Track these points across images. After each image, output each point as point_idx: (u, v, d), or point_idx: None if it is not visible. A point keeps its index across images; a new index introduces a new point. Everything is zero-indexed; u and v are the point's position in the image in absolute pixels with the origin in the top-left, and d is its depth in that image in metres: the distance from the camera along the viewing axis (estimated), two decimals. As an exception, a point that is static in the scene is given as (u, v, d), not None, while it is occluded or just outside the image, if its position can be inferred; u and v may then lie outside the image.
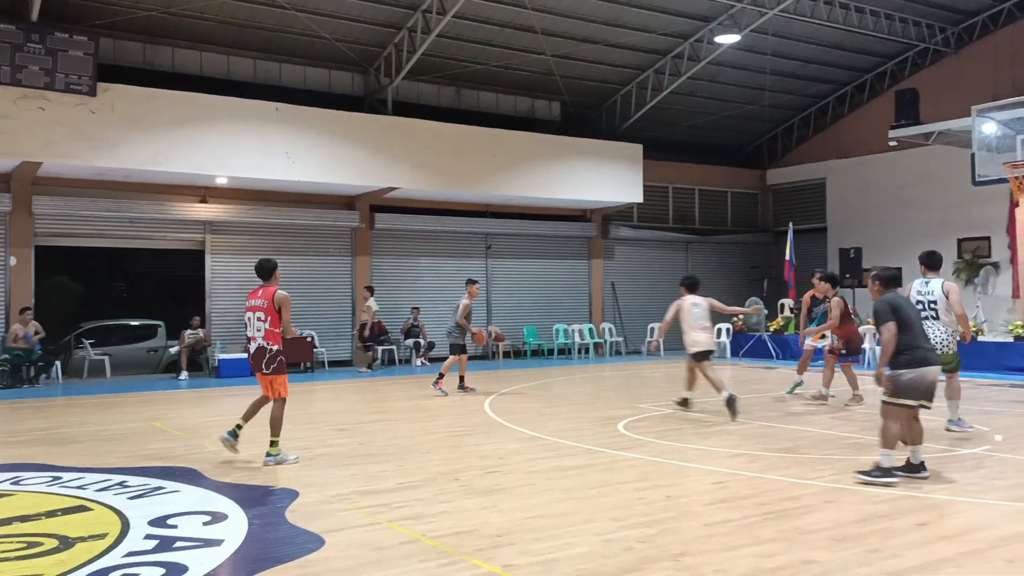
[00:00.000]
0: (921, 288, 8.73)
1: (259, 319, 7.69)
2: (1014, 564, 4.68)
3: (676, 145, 23.58)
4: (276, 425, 7.67)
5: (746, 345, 20.13)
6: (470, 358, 14.46)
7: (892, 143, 19.23)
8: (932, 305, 8.59)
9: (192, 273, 17.71)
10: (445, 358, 13.70)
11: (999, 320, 17.28)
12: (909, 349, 6.59)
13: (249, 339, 7.81)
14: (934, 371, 6.62)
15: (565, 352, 21.09)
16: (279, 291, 7.72)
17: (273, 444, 7.66)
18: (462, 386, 13.43)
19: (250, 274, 17.43)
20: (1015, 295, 18.69)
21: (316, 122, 16.79)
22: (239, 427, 7.90)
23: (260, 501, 6.29)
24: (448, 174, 18.37)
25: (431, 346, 19.07)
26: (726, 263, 24.53)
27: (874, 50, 21.29)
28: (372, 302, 17.79)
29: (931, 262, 8.90)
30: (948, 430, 8.85)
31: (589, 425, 9.89)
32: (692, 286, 11.01)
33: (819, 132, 24.20)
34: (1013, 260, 18.93)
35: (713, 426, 9.78)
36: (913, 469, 6.76)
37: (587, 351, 21.28)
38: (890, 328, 6.52)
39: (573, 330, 21.24)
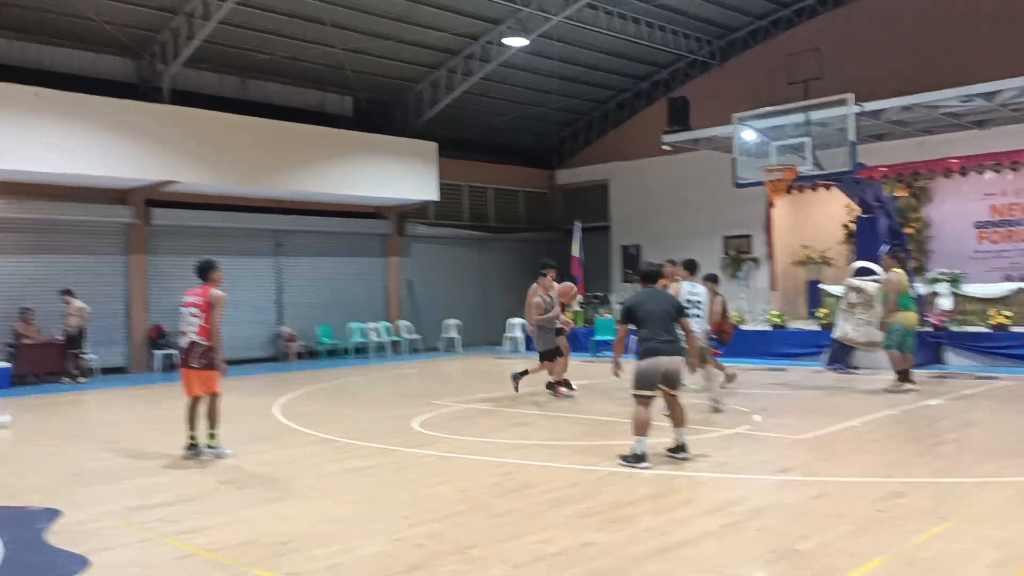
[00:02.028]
0: (691, 289, 9.99)
1: (193, 315, 7.90)
2: (766, 532, 5.15)
3: (470, 144, 23.93)
4: (214, 417, 7.96)
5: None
6: (265, 359, 13.83)
7: (665, 147, 20.57)
8: (699, 304, 9.91)
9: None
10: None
11: (759, 310, 18.97)
12: (645, 342, 7.19)
13: (182, 333, 8.03)
14: (665, 361, 7.13)
15: (361, 351, 20.83)
16: (215, 290, 8.00)
17: (212, 436, 7.95)
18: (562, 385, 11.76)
19: (11, 275, 16.05)
20: (772, 287, 20.64)
21: (83, 110, 15.44)
22: (192, 438, 7.98)
23: (15, 523, 5.74)
24: (233, 168, 17.54)
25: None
26: (518, 260, 25.21)
27: (649, 59, 22.66)
28: (77, 304, 15.92)
29: (691, 268, 10.41)
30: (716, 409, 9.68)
31: (384, 424, 9.83)
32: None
33: (603, 135, 25.43)
34: (770, 256, 20.87)
35: (507, 419, 10.02)
36: (678, 449, 7.28)
37: (384, 349, 21.13)
38: (621, 329, 7.43)
39: (369, 329, 21.02)
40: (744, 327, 17.09)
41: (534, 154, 26.40)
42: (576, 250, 21.11)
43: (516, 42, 19.33)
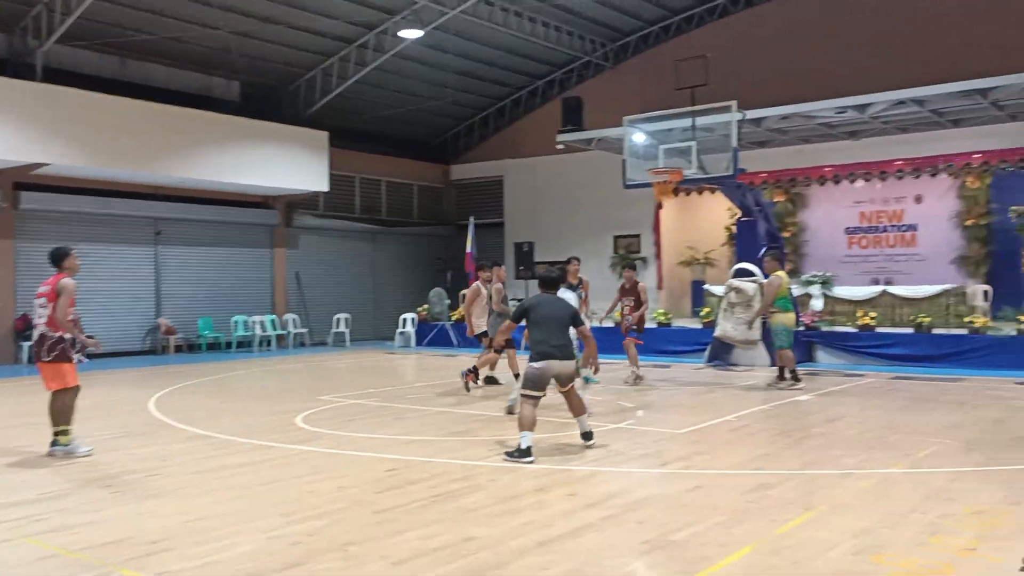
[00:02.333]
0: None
1: (41, 305, 7.57)
2: (644, 524, 5.28)
3: (363, 135, 23.58)
4: (65, 413, 7.52)
5: (429, 334, 20.70)
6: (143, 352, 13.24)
7: (559, 146, 20.84)
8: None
9: None
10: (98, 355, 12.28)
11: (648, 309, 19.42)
12: (537, 344, 7.41)
13: (33, 326, 7.76)
14: (556, 365, 7.35)
15: (245, 345, 20.24)
16: (66, 279, 7.55)
17: (64, 433, 7.52)
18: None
19: None
20: (659, 286, 21.21)
21: (-58, 83, 14.45)
22: (59, 433, 7.55)
23: None
24: (110, 152, 16.73)
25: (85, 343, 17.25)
26: (411, 254, 25.05)
27: (545, 59, 22.90)
28: None
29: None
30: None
31: (265, 420, 9.57)
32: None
33: (498, 132, 25.54)
34: (658, 256, 21.44)
35: (393, 415, 9.93)
36: (586, 436, 7.63)
37: (269, 343, 20.60)
38: (509, 324, 7.84)
39: (254, 322, 20.44)
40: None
41: (429, 148, 26.26)
42: (470, 246, 21.13)
43: (411, 34, 19.19)
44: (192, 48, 18.72)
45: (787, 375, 11.85)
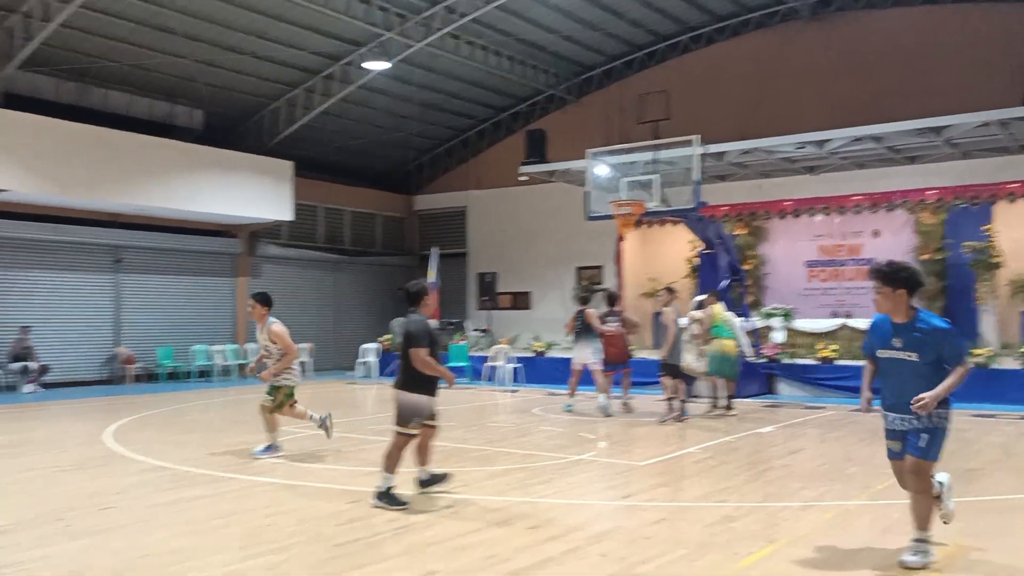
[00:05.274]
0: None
1: None
2: (606, 557, 5.26)
3: (327, 165, 23.52)
4: None
5: (391, 364, 20.53)
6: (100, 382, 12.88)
7: (522, 178, 20.97)
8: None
9: None
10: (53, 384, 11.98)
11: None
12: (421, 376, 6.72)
13: None
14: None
15: (206, 375, 19.91)
16: None
17: None
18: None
19: None
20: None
21: None
22: None
23: None
24: (69, 179, 16.46)
25: (44, 370, 16.88)
26: (373, 284, 24.93)
27: (509, 91, 23.10)
28: None
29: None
30: None
31: (224, 451, 9.40)
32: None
33: (462, 163, 25.63)
34: (620, 287, 21.55)
35: (355, 445, 9.82)
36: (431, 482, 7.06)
37: (229, 373, 20.29)
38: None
39: (215, 351, 20.14)
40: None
41: (392, 178, 26.27)
42: (433, 276, 21.08)
43: (377, 66, 19.25)
44: (156, 76, 18.59)
45: (719, 402, 12.40)
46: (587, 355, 12.64)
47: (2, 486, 7.55)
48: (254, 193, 19.78)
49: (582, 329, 12.72)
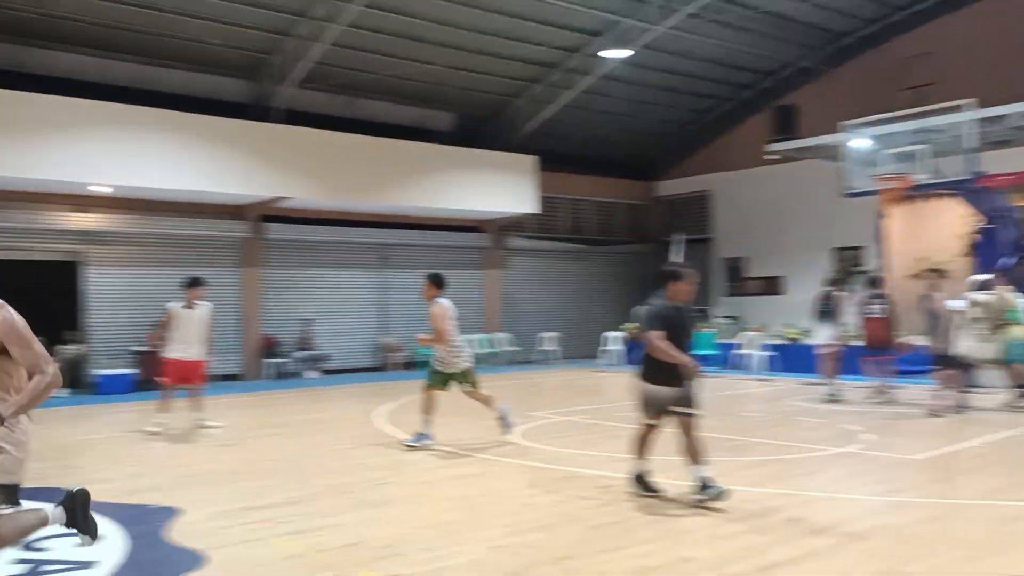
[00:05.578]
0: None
1: None
2: (873, 555, 4.96)
3: (569, 157, 23.92)
4: None
5: (638, 352, 20.55)
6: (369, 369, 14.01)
7: (771, 156, 20.08)
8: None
9: (64, 285, 16.75)
10: (331, 371, 13.23)
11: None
12: None
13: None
14: None
15: (460, 362, 21.02)
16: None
17: None
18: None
19: (133, 285, 17.04)
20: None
21: (201, 129, 16.27)
22: None
23: (137, 520, 6.06)
24: (341, 184, 18.13)
25: (324, 358, 18.76)
26: (616, 273, 25.07)
27: (753, 67, 22.20)
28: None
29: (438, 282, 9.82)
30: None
31: (484, 434, 9.93)
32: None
33: (705, 146, 25.04)
34: (883, 268, 20.03)
35: (602, 433, 9.99)
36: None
37: (482, 361, 21.28)
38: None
39: (468, 341, 21.22)
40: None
41: (634, 166, 26.22)
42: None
43: (617, 54, 19.28)
44: (409, 84, 19.92)
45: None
46: (824, 337, 12.35)
47: (299, 461, 8.50)
48: (502, 188, 20.64)
49: (825, 311, 12.29)
